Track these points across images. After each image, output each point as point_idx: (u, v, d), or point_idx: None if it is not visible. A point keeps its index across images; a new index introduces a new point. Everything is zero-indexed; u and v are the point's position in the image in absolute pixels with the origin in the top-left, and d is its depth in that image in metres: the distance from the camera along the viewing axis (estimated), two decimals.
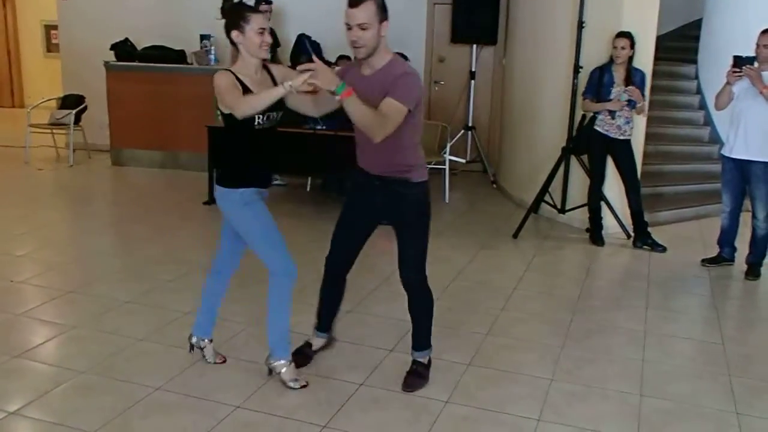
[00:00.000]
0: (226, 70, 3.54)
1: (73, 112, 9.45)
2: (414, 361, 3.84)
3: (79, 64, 9.99)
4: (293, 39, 8.92)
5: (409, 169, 3.55)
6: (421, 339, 3.83)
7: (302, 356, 3.96)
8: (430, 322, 3.83)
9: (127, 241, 6.50)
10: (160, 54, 9.21)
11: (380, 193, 3.61)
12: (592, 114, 6.37)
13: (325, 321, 4.11)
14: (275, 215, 3.74)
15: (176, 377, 3.81)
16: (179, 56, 9.24)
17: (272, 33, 8.17)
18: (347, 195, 3.87)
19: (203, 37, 9.06)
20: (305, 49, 8.79)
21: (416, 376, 3.80)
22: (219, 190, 3.68)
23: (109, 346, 4.16)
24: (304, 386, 3.71)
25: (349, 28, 3.31)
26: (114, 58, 9.24)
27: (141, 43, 9.39)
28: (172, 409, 3.52)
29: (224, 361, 3.96)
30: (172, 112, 8.99)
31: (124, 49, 9.27)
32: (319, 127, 6.93)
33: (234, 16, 3.64)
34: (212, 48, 9.02)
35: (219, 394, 3.65)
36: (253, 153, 3.67)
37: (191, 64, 9.23)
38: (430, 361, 3.87)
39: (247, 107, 3.34)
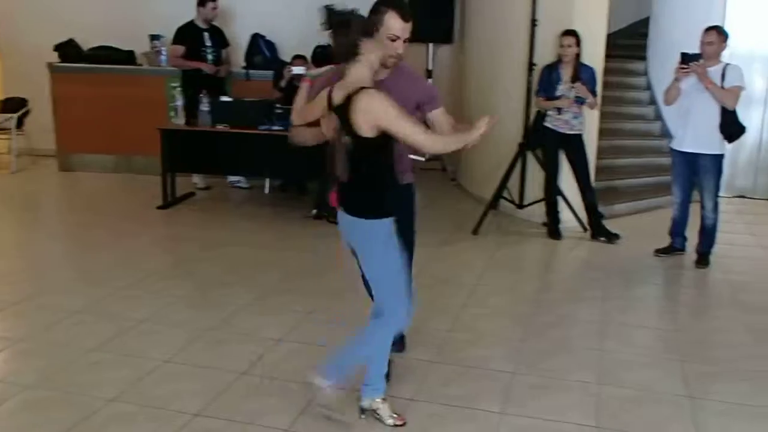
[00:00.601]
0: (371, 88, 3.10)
1: (16, 115, 9.10)
2: None
3: (21, 65, 9.60)
4: (246, 38, 8.86)
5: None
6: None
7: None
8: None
9: (78, 248, 6.32)
10: (108, 55, 8.96)
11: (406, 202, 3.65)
12: (544, 111, 6.49)
13: None
14: (235, 217, 3.73)
15: (132, 388, 3.74)
16: (128, 57, 9.00)
17: (220, 33, 8.16)
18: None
19: (153, 38, 8.88)
20: (260, 49, 8.79)
21: None
22: (363, 223, 3.23)
23: (59, 358, 4.03)
24: (403, 424, 3.46)
25: (395, 39, 3.28)
26: (58, 59, 8.97)
27: (87, 43, 9.10)
28: (129, 420, 3.45)
29: (404, 424, 3.48)
30: (122, 115, 8.75)
31: (69, 50, 9.00)
32: (275, 128, 6.91)
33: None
34: (163, 48, 8.82)
35: (178, 402, 3.59)
36: (392, 177, 3.35)
37: (141, 65, 9.04)
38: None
39: (441, 146, 3.32)
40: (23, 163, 9.31)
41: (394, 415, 3.44)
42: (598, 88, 6.55)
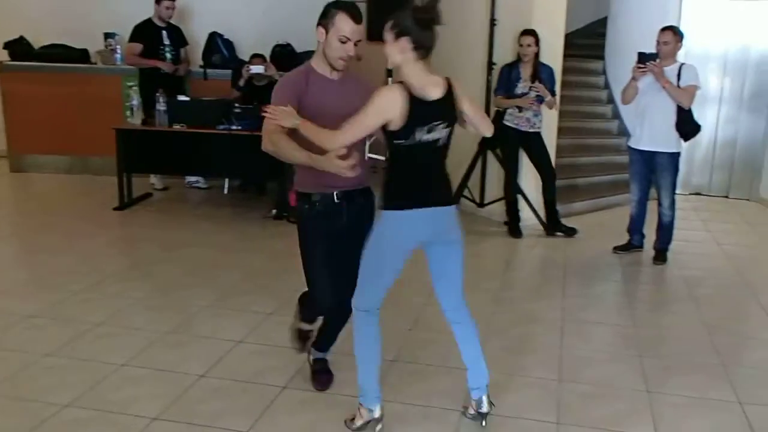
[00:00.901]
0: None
1: None
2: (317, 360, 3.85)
3: None
4: (204, 37, 8.76)
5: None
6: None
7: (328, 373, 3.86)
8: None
9: (32, 251, 6.17)
10: (60, 53, 8.76)
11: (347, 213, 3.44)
12: (503, 109, 6.53)
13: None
14: (193, 218, 3.69)
15: (88, 392, 3.66)
16: (82, 55, 8.82)
17: (179, 31, 8.07)
18: (306, 223, 3.45)
19: (108, 36, 8.74)
20: (218, 48, 8.70)
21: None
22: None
23: (11, 364, 3.93)
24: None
25: (345, 41, 3.27)
26: (8, 58, 8.77)
27: (39, 41, 8.87)
28: (84, 426, 3.37)
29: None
30: (77, 115, 8.61)
31: (19, 48, 8.77)
32: (234, 128, 6.85)
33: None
34: (118, 47, 8.67)
35: (136, 406, 3.54)
36: None
37: (95, 63, 8.88)
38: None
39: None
40: None
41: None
42: (557, 87, 6.60)
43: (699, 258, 6.31)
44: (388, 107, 2.99)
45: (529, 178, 6.73)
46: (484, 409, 3.44)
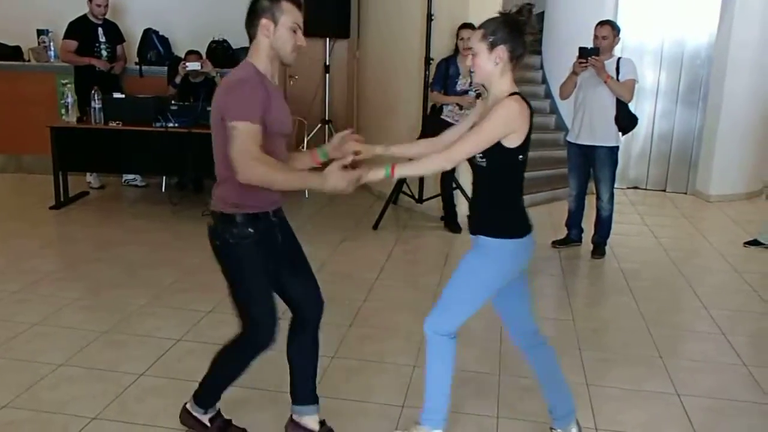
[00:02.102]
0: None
1: None
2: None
3: None
4: (139, 34, 8.63)
5: None
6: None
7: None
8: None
9: None
10: None
11: (278, 228, 3.07)
12: (439, 104, 6.53)
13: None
14: (130, 216, 3.61)
15: (25, 393, 3.60)
16: (15, 52, 8.70)
17: (115, 28, 7.93)
18: (251, 248, 2.97)
19: (41, 33, 8.61)
20: (153, 45, 8.56)
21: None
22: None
23: None
24: None
25: (297, 30, 2.85)
26: None
27: None
28: (22, 427, 3.32)
29: None
30: (10, 112, 8.48)
31: None
32: (171, 125, 6.75)
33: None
34: (51, 43, 8.57)
35: (72, 406, 3.48)
36: None
37: (28, 61, 8.73)
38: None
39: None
40: None
41: None
42: None
43: (637, 251, 6.41)
44: (517, 119, 2.82)
45: (467, 174, 6.74)
46: None
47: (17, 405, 3.49)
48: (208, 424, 3.24)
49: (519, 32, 2.88)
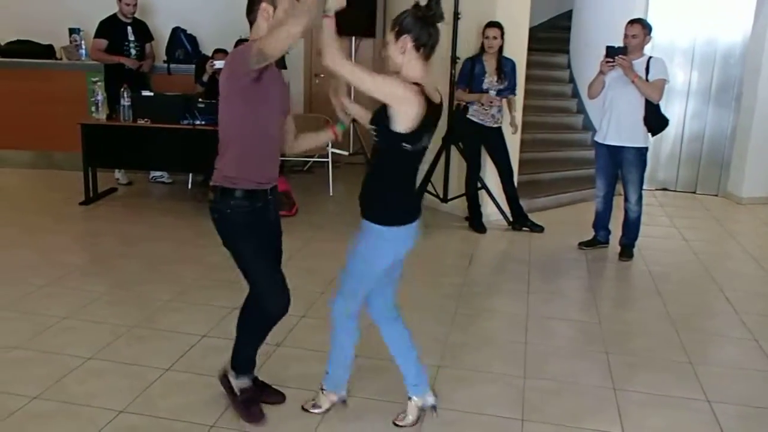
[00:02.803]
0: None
1: None
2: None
3: None
4: (167, 32, 8.69)
5: None
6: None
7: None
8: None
9: None
10: (26, 49, 8.77)
11: (272, 207, 3.25)
12: (464, 103, 6.49)
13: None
14: (156, 213, 3.62)
15: (54, 385, 3.65)
16: (47, 51, 8.84)
17: (144, 26, 7.97)
18: (247, 217, 3.14)
19: (72, 31, 8.74)
20: (181, 43, 8.61)
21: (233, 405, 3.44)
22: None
23: None
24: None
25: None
26: None
27: (4, 37, 8.90)
28: (51, 418, 3.37)
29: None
30: (42, 110, 8.61)
31: None
32: (198, 123, 6.80)
33: None
34: (82, 42, 8.69)
35: (100, 400, 3.52)
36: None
37: (60, 59, 8.86)
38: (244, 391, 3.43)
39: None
40: None
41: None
42: (521, 80, 6.59)
43: (665, 254, 6.32)
44: (407, 101, 2.84)
45: (494, 173, 6.70)
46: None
47: (46, 397, 3.54)
48: (238, 394, 3.39)
49: (424, 22, 2.92)
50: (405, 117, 2.85)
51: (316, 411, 3.45)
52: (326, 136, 3.42)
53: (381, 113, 2.91)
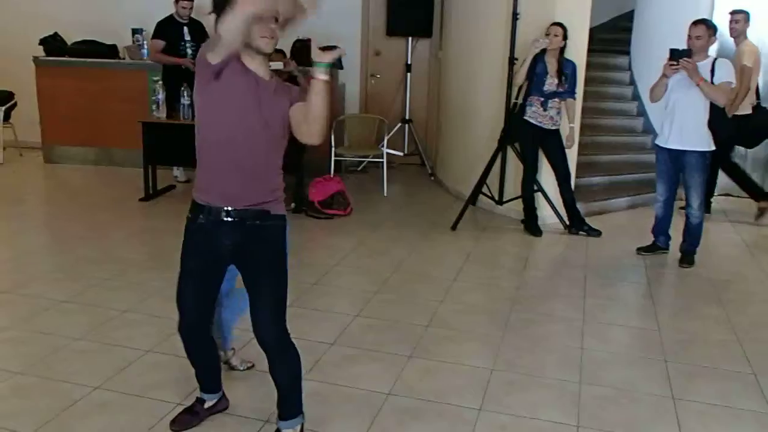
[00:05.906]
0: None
1: (2, 108, 9.20)
2: None
3: (7, 59, 9.67)
4: None
5: (276, 198, 3.10)
6: (290, 407, 3.14)
7: (190, 414, 3.36)
8: (300, 385, 3.17)
9: (61, 240, 6.28)
10: (91, 49, 9.00)
11: (233, 232, 3.02)
12: (521, 103, 6.42)
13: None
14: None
15: (115, 376, 3.73)
16: (111, 51, 9.06)
17: (201, 27, 8.06)
18: (186, 233, 3.15)
19: (135, 32, 8.94)
20: None
21: None
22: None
23: (44, 346, 4.04)
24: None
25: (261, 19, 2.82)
26: (43, 53, 9.02)
27: (71, 37, 9.14)
28: (111, 408, 3.44)
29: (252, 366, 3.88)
30: (105, 108, 8.83)
31: (53, 44, 9.04)
32: None
33: None
34: (144, 42, 8.86)
35: (158, 391, 3.58)
36: None
37: (123, 58, 9.06)
38: (302, 430, 3.18)
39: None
40: (10, 156, 9.41)
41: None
42: (580, 81, 6.49)
43: (728, 261, 6.17)
44: None
45: (551, 176, 6.61)
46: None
47: (108, 387, 3.63)
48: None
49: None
50: None
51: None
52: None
53: None
